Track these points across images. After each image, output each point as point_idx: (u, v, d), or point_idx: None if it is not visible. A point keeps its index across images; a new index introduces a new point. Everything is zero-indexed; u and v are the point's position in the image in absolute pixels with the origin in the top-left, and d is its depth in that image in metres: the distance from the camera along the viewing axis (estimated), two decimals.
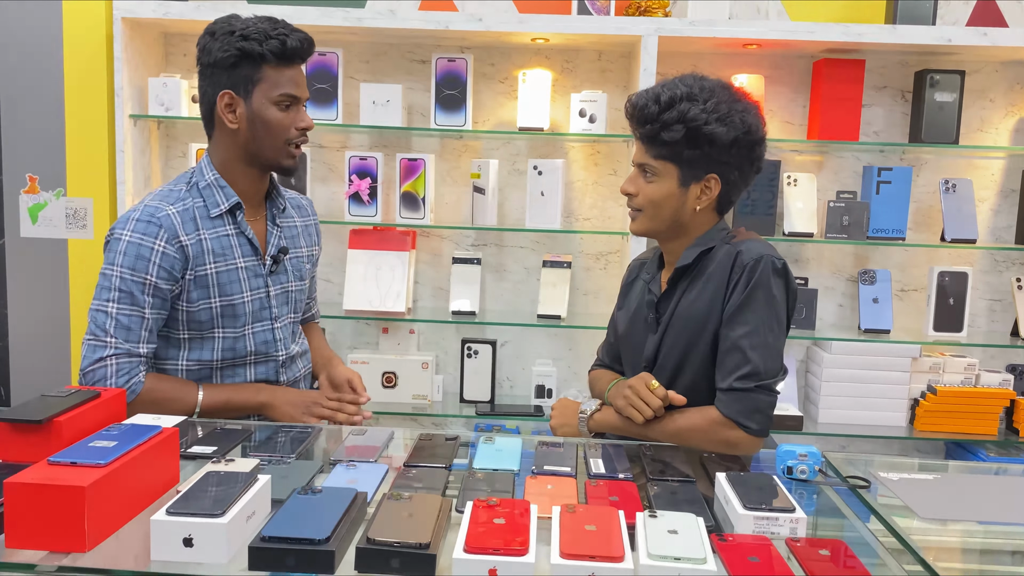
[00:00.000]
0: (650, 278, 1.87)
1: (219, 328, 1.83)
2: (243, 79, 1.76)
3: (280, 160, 1.83)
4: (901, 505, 1.41)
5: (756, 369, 1.66)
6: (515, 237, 3.11)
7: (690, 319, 1.75)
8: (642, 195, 1.75)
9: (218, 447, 1.52)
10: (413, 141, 3.08)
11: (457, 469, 1.47)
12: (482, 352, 3.00)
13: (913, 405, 2.94)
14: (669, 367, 1.78)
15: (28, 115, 2.91)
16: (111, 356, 1.73)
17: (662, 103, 1.68)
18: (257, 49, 1.74)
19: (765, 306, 1.68)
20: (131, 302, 1.73)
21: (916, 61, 2.96)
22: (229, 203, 1.82)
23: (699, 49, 2.90)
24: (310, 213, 2.06)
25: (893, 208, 2.88)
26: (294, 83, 1.79)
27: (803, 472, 1.47)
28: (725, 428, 1.67)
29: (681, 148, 1.69)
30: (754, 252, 1.70)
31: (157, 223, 1.75)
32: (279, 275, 1.91)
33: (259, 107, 1.77)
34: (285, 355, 1.93)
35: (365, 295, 2.92)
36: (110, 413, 1.43)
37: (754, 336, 1.67)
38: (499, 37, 2.85)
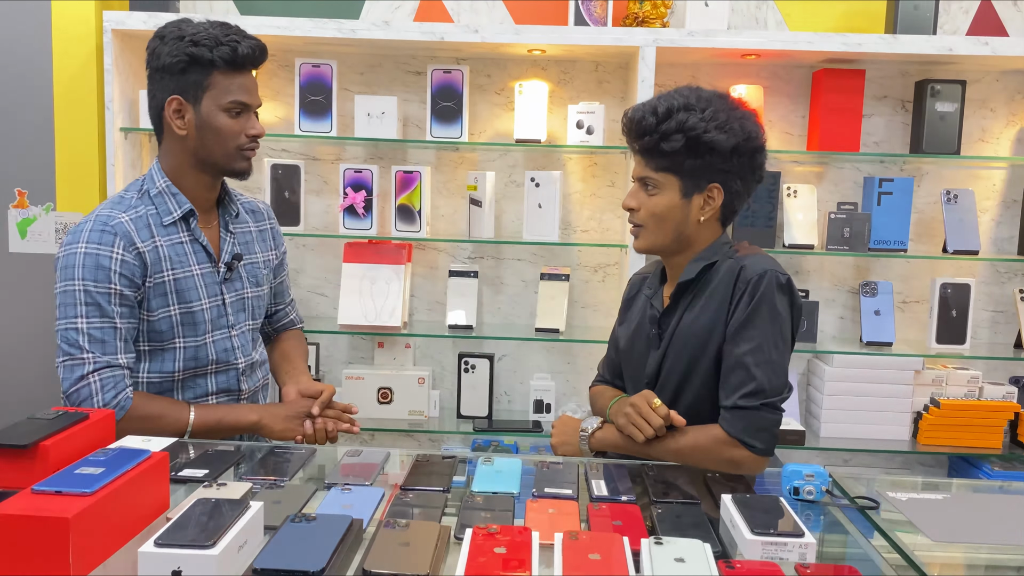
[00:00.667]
0: (652, 293, 1.84)
1: (180, 337, 1.80)
2: (192, 85, 1.74)
3: (232, 164, 1.81)
4: (910, 526, 1.38)
5: (761, 387, 1.64)
6: (512, 250, 3.09)
7: (693, 335, 1.72)
8: (644, 209, 1.72)
9: (209, 470, 1.49)
10: (409, 153, 3.06)
11: (456, 487, 1.45)
12: (479, 367, 2.98)
13: (916, 419, 2.91)
14: (672, 384, 1.76)
15: (17, 128, 2.88)
16: (92, 372, 1.69)
17: (660, 114, 1.66)
18: (207, 55, 1.72)
19: (769, 322, 1.66)
20: (100, 314, 1.70)
21: (916, 71, 2.94)
22: (182, 210, 1.80)
23: (697, 59, 2.88)
24: (266, 217, 2.03)
25: (894, 219, 2.85)
26: (245, 90, 1.77)
27: (810, 493, 1.45)
28: (729, 447, 1.64)
29: (682, 158, 1.67)
30: (758, 267, 1.68)
31: (111, 231, 1.72)
32: (234, 282, 1.89)
33: (208, 113, 1.75)
34: (245, 363, 1.90)
35: (360, 309, 2.89)
36: (99, 435, 1.39)
37: (759, 353, 1.65)
38: (495, 48, 2.82)
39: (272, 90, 3.02)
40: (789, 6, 2.98)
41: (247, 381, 1.92)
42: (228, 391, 1.88)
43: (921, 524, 1.38)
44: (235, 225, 1.91)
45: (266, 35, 2.65)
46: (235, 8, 3.01)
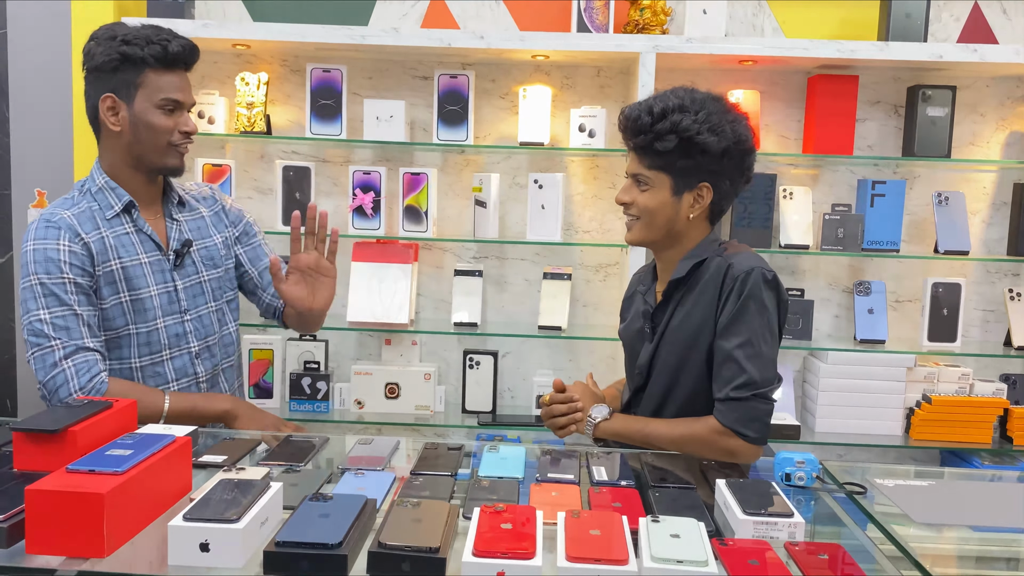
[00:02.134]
0: (645, 289, 1.92)
1: (132, 324, 1.85)
2: (125, 83, 1.80)
3: (165, 161, 1.86)
4: (897, 511, 1.43)
5: (752, 379, 1.69)
6: (516, 250, 3.14)
7: (684, 331, 1.78)
8: (637, 204, 1.79)
9: (228, 455, 1.54)
10: (416, 156, 3.11)
11: (462, 478, 1.49)
12: (483, 363, 3.02)
13: (908, 414, 2.96)
14: (665, 377, 1.82)
15: (37, 129, 2.94)
16: (64, 358, 1.74)
17: (655, 114, 1.73)
18: (138, 53, 1.77)
19: (757, 317, 1.71)
20: (59, 303, 1.75)
21: (908, 76, 3.00)
22: (122, 203, 1.85)
23: (696, 65, 2.95)
24: (216, 200, 2.07)
25: (887, 220, 2.92)
26: (177, 88, 1.82)
27: (801, 479, 1.49)
28: (724, 437, 1.70)
29: (674, 158, 1.73)
30: (745, 264, 1.73)
31: (55, 225, 1.78)
32: (185, 268, 1.93)
33: (141, 110, 1.81)
34: (200, 346, 1.95)
35: (368, 307, 2.94)
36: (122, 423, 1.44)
37: (748, 347, 1.71)
38: (500, 54, 2.89)
39: (284, 94, 3.09)
40: (785, 14, 3.05)
41: (202, 364, 1.95)
42: (185, 375, 1.93)
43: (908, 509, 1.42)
44: (183, 214, 1.96)
45: (279, 41, 2.77)
46: (248, 16, 3.07)
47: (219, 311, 2.00)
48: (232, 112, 3.00)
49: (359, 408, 3.02)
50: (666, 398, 1.82)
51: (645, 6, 2.85)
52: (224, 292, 2.02)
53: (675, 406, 1.81)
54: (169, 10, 2.82)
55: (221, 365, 2.02)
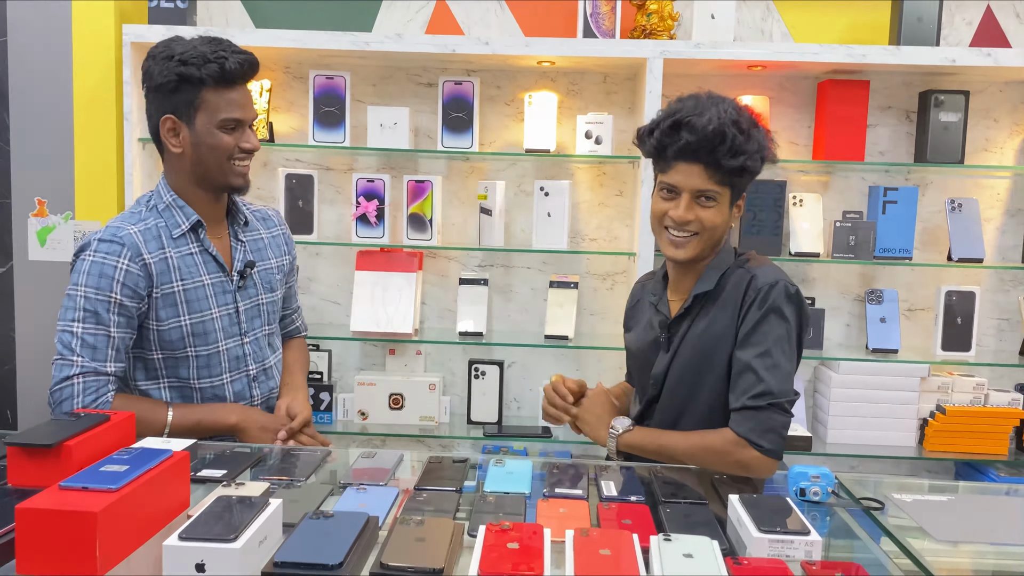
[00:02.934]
0: (657, 299, 1.87)
1: (191, 347, 1.84)
2: (184, 104, 1.77)
3: (227, 180, 1.83)
4: (914, 527, 1.39)
5: (769, 388, 1.66)
6: (522, 258, 3.11)
7: (703, 342, 1.75)
8: (699, 221, 1.72)
9: (228, 470, 1.51)
10: (420, 163, 3.09)
11: (467, 491, 1.46)
12: (489, 373, 2.99)
13: (922, 425, 2.92)
14: (682, 388, 1.79)
15: (37, 138, 2.92)
16: (77, 375, 1.73)
17: (745, 131, 1.67)
18: (196, 74, 1.74)
19: (778, 329, 1.69)
20: (96, 321, 1.74)
21: (920, 81, 2.97)
22: (190, 222, 1.83)
23: (704, 71, 2.91)
24: (277, 224, 2.06)
25: (899, 228, 2.87)
26: (237, 106, 1.79)
27: (816, 494, 1.46)
28: (739, 448, 1.66)
29: (740, 172, 1.69)
30: (769, 277, 1.71)
31: (120, 242, 1.76)
32: (247, 289, 1.92)
33: (203, 131, 1.78)
34: (257, 369, 1.94)
35: (372, 316, 2.92)
36: (120, 437, 1.42)
37: (767, 358, 1.68)
38: (505, 60, 2.86)
39: (287, 101, 3.06)
40: (794, 18, 3.02)
41: (258, 387, 1.95)
42: (242, 397, 1.92)
43: (926, 525, 1.39)
44: (246, 234, 1.95)
45: (281, 47, 2.75)
46: (250, 22, 3.06)
47: (271, 335, 1.99)
48: None
49: (363, 419, 2.99)
50: (683, 410, 1.78)
51: (652, 11, 2.82)
52: (276, 317, 2.02)
53: (692, 419, 1.77)
54: (171, 16, 2.80)
55: (275, 390, 2.01)
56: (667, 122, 1.70)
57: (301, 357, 2.17)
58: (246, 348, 1.91)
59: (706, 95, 1.73)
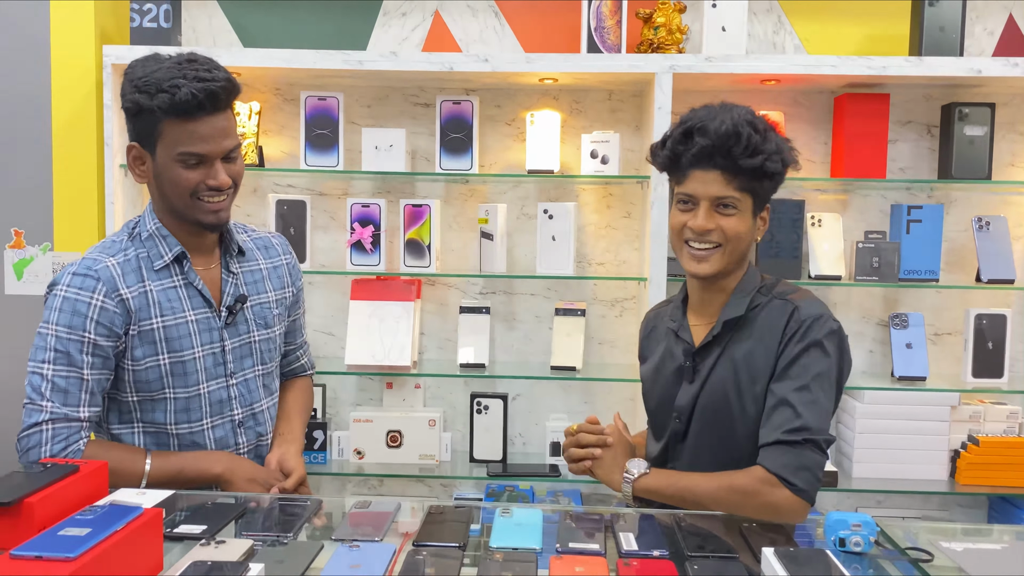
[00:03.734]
0: (677, 325, 1.75)
1: (169, 388, 1.69)
2: (145, 132, 1.61)
3: (196, 218, 1.66)
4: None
5: (806, 424, 1.55)
6: (526, 284, 2.99)
7: (738, 371, 1.64)
8: (720, 230, 1.62)
9: (208, 525, 1.40)
10: (417, 186, 2.98)
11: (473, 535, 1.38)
12: (492, 407, 2.86)
13: (954, 457, 2.77)
14: (716, 421, 1.66)
15: (14, 166, 2.82)
16: (47, 421, 1.60)
17: (761, 131, 1.59)
18: (147, 103, 1.56)
19: (819, 364, 1.59)
20: (68, 363, 1.61)
21: (940, 94, 2.85)
22: (173, 253, 1.69)
23: (715, 86, 2.80)
24: (280, 253, 1.89)
25: (925, 248, 2.74)
26: (198, 139, 1.59)
27: (857, 544, 1.35)
28: (769, 487, 1.54)
29: (760, 178, 1.61)
30: (813, 310, 1.63)
31: (95, 276, 1.63)
32: (237, 326, 1.76)
33: (163, 163, 1.62)
34: (244, 413, 1.78)
35: (368, 348, 2.79)
36: (91, 489, 1.31)
37: (805, 392, 1.57)
38: (505, 78, 2.75)
39: (277, 124, 2.95)
40: (807, 31, 2.91)
41: (244, 434, 1.79)
42: (226, 445, 1.76)
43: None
44: (239, 265, 1.80)
45: (271, 67, 2.65)
46: (238, 41, 2.95)
47: (266, 376, 1.83)
48: None
49: (359, 458, 2.86)
50: (717, 446, 1.66)
51: (659, 24, 2.71)
52: (272, 356, 1.85)
53: (729, 455, 1.64)
54: (154, 37, 2.69)
55: (265, 437, 1.84)
56: (679, 130, 1.63)
57: (302, 400, 2.00)
58: (232, 391, 1.76)
59: (719, 103, 1.66)
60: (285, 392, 1.97)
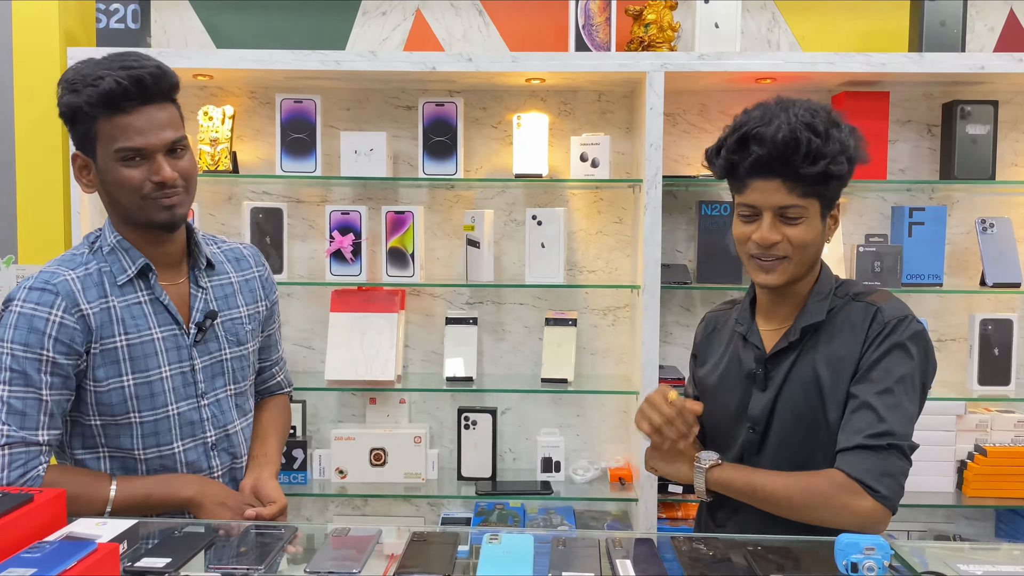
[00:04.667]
0: (746, 329, 1.66)
1: (135, 412, 1.58)
2: (83, 137, 1.54)
3: (149, 217, 1.57)
4: None
5: (891, 429, 1.48)
6: (514, 293, 2.89)
7: (815, 379, 1.57)
8: (788, 242, 1.53)
9: (173, 558, 1.29)
10: (400, 192, 2.88)
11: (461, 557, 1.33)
12: (481, 422, 2.76)
13: (960, 468, 2.68)
14: (785, 430, 1.59)
15: None
16: (3, 446, 1.48)
17: (821, 133, 1.48)
18: (76, 101, 1.50)
19: (903, 367, 1.52)
20: (25, 383, 1.49)
21: (941, 92, 2.76)
22: (136, 266, 1.59)
23: (708, 85, 2.70)
24: (252, 264, 1.79)
25: (927, 251, 2.65)
26: (134, 132, 1.51)
27: (871, 569, 1.27)
28: (849, 493, 1.46)
29: (827, 181, 1.52)
30: (897, 312, 1.56)
31: (53, 290, 1.52)
32: (208, 343, 1.66)
33: (104, 166, 1.54)
34: (217, 435, 1.67)
35: (350, 363, 2.68)
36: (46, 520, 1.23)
37: (888, 396, 1.50)
38: (490, 78, 2.64)
39: (252, 128, 2.84)
40: (803, 28, 2.82)
41: (218, 456, 1.68)
42: (198, 469, 1.65)
43: None
44: (209, 279, 1.69)
45: (244, 69, 2.54)
46: (211, 41, 2.84)
47: (239, 395, 1.73)
48: (195, 150, 2.70)
49: (341, 478, 2.74)
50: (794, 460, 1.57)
51: (650, 21, 2.61)
52: (245, 374, 1.74)
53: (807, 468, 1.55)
54: (121, 38, 2.58)
55: (243, 459, 1.74)
56: (733, 138, 1.54)
57: (279, 420, 1.89)
58: (204, 412, 1.65)
59: (775, 101, 1.55)
60: (260, 411, 1.87)
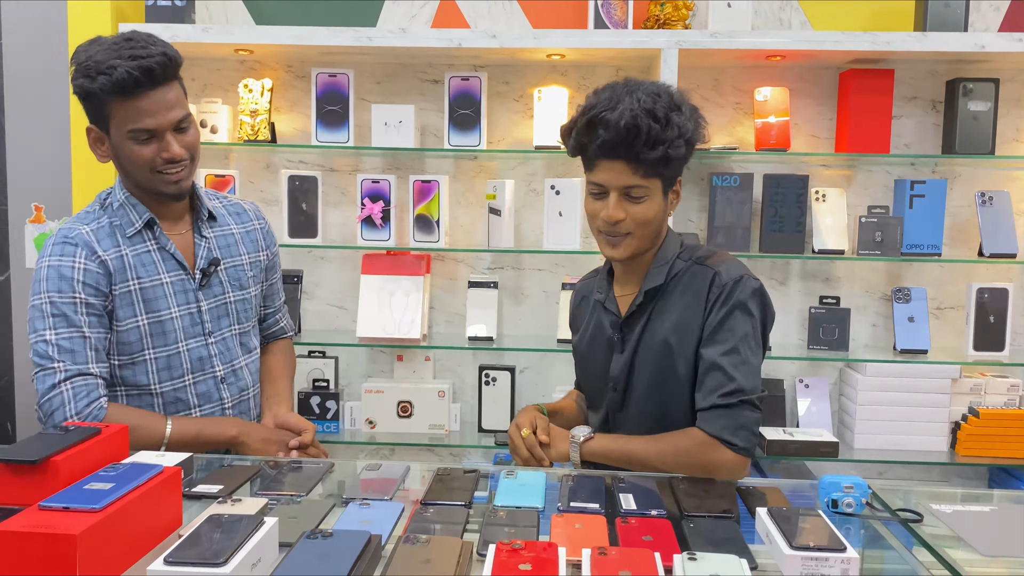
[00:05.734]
0: (604, 297, 1.78)
1: (149, 349, 1.75)
2: (97, 114, 1.68)
3: (158, 189, 1.73)
4: (955, 539, 1.31)
5: (740, 386, 1.61)
6: (533, 259, 3.02)
7: (664, 339, 1.68)
8: (631, 219, 1.64)
9: (224, 485, 1.44)
10: (426, 163, 3.01)
11: (478, 503, 1.40)
12: (500, 379, 2.90)
13: (954, 429, 2.80)
14: (642, 388, 1.71)
15: (33, 142, 2.86)
16: (63, 381, 1.65)
17: (661, 119, 1.56)
18: (90, 86, 1.62)
19: (744, 325, 1.64)
20: (67, 324, 1.66)
21: (946, 70, 2.86)
22: (143, 220, 1.75)
23: (720, 62, 2.82)
24: (252, 218, 1.96)
25: (927, 223, 2.76)
26: (144, 115, 1.64)
27: (849, 505, 1.38)
28: (710, 448, 1.60)
29: (667, 163, 1.60)
30: (732, 273, 1.65)
31: (72, 242, 1.70)
32: (212, 288, 1.83)
33: (118, 143, 1.68)
34: (225, 370, 1.85)
35: (379, 322, 2.83)
36: (111, 450, 1.34)
37: (734, 355, 1.62)
38: (513, 54, 2.77)
39: (289, 101, 2.99)
40: (813, 7, 2.91)
41: (227, 389, 1.86)
42: (209, 400, 1.83)
43: (968, 538, 1.30)
44: (212, 229, 1.85)
45: (283, 44, 2.68)
46: (251, 19, 2.98)
47: (243, 335, 1.90)
48: (235, 120, 2.90)
49: (371, 428, 2.91)
50: (657, 412, 1.70)
51: (666, 0, 2.72)
52: (248, 316, 1.91)
53: (671, 420, 1.68)
54: (169, 15, 2.72)
55: (250, 391, 1.92)
56: (583, 120, 1.61)
57: (285, 362, 2.07)
58: (211, 349, 1.82)
59: (623, 83, 1.62)
60: (267, 356, 2.04)
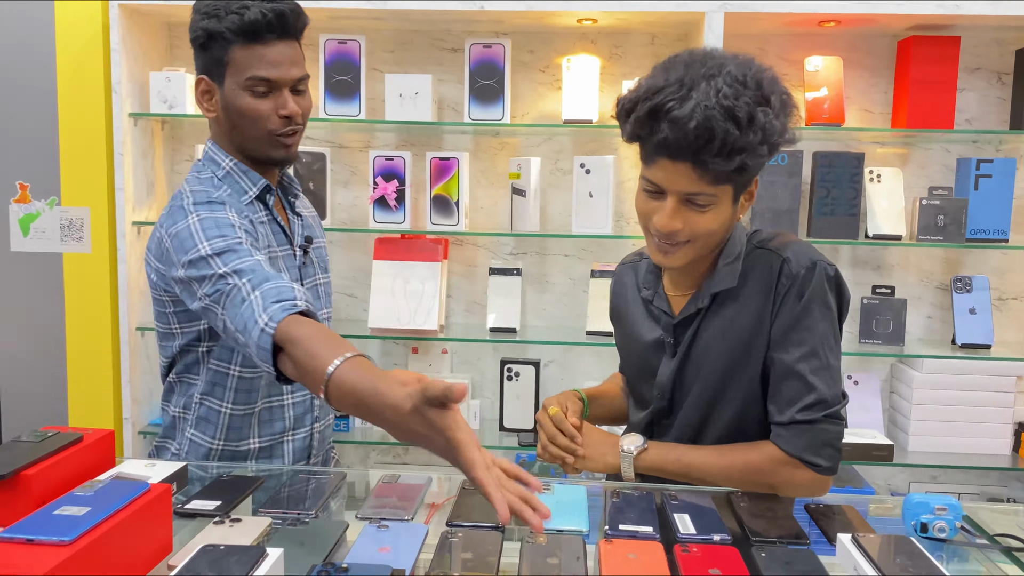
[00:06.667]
0: (652, 293, 1.57)
1: None
2: (214, 62, 1.57)
3: (267, 152, 1.60)
4: None
5: (822, 397, 1.42)
6: (560, 244, 2.84)
7: (726, 344, 1.47)
8: (690, 228, 1.39)
9: (222, 501, 1.30)
10: (445, 138, 2.83)
11: None
12: (524, 374, 2.73)
13: (1018, 431, 2.61)
14: (702, 400, 1.51)
15: (18, 117, 2.70)
16: (257, 287, 1.35)
17: (742, 120, 1.29)
18: (216, 27, 1.53)
19: (822, 323, 1.43)
20: (238, 257, 1.41)
21: (1013, 39, 2.64)
22: (258, 187, 1.62)
23: (766, 28, 2.60)
24: (310, 204, 1.87)
25: (994, 205, 2.54)
26: (267, 63, 1.54)
27: (942, 530, 1.25)
28: (790, 468, 1.43)
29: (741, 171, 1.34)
30: (804, 259, 1.43)
31: (219, 201, 1.54)
32: (308, 267, 1.72)
33: (231, 94, 1.56)
34: None
35: (393, 311, 2.67)
36: (94, 460, 1.24)
37: (813, 359, 1.42)
38: (540, 19, 2.57)
39: None
40: None
41: None
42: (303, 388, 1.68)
43: None
44: (300, 207, 1.75)
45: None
46: None
47: (328, 320, 1.81)
48: None
49: None
50: (704, 423, 1.51)
51: None
52: (329, 302, 1.81)
53: (716, 431, 1.50)
54: None
55: None
56: (644, 108, 1.33)
57: None
58: None
59: (701, 59, 1.34)
60: None
